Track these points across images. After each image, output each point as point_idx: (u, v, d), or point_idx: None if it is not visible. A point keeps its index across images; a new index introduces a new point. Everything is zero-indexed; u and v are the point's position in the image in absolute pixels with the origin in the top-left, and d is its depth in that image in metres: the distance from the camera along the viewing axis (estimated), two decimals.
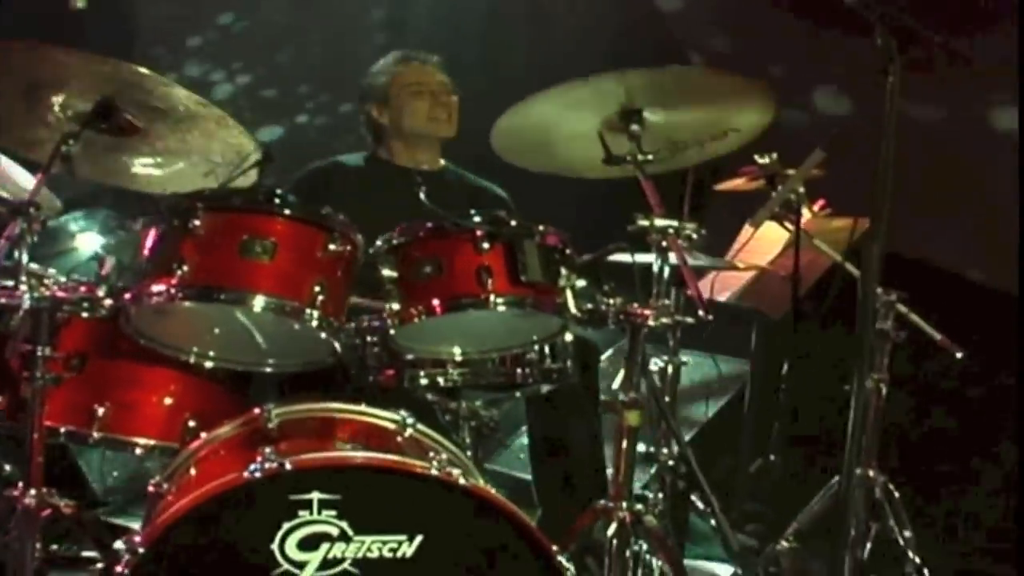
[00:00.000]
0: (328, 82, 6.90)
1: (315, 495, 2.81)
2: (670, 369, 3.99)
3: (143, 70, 3.35)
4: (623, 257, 3.57)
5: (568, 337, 3.47)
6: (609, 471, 4.27)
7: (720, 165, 4.18)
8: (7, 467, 3.84)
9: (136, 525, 4.44)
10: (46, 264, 3.49)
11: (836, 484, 3.90)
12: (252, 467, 2.80)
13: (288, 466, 2.79)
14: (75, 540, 3.74)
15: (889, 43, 3.13)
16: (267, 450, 2.86)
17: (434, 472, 2.85)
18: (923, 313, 3.98)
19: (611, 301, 3.29)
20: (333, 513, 2.82)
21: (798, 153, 4.04)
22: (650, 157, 3.44)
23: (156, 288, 3.17)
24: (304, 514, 2.81)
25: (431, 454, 3.08)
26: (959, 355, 3.92)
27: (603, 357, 4.47)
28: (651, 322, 3.26)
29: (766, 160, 4.13)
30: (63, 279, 3.41)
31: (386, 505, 2.86)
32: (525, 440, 4.55)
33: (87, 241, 3.64)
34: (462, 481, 2.86)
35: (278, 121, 6.89)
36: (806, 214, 4.32)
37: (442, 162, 4.64)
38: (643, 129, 3.46)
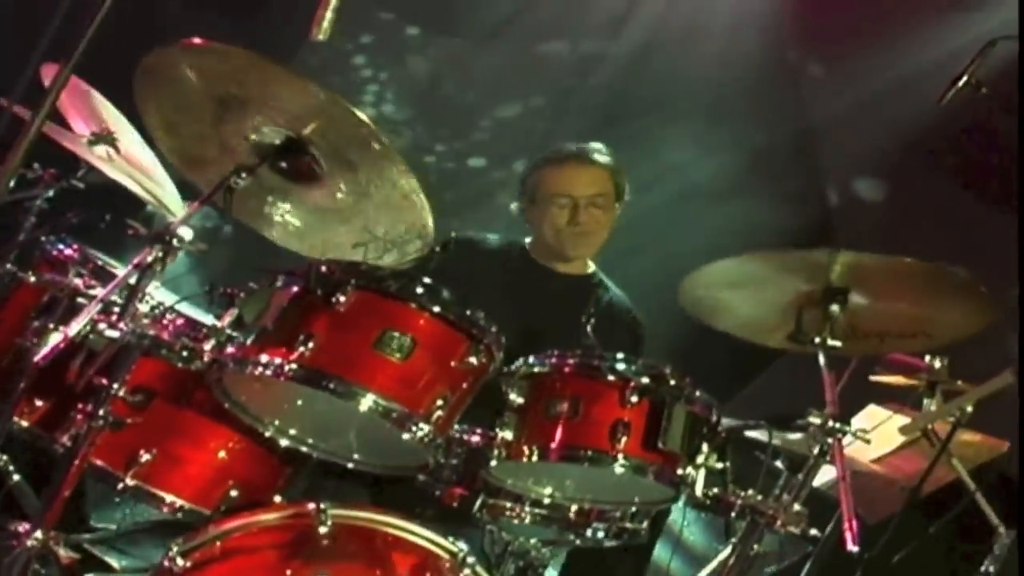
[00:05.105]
0: None
1: None
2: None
3: (360, 115, 2.84)
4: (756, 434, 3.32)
5: None
6: None
7: None
8: (15, 476, 3.40)
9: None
10: None
11: None
12: None
13: None
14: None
15: None
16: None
17: None
18: None
19: (741, 493, 3.03)
20: None
21: None
22: (839, 344, 3.13)
23: (265, 358, 2.83)
24: None
25: None
26: None
27: None
28: (778, 527, 3.00)
29: (938, 364, 3.75)
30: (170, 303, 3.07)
31: None
32: None
33: None
34: None
35: None
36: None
37: (591, 268, 4.27)
38: (842, 312, 3.17)
